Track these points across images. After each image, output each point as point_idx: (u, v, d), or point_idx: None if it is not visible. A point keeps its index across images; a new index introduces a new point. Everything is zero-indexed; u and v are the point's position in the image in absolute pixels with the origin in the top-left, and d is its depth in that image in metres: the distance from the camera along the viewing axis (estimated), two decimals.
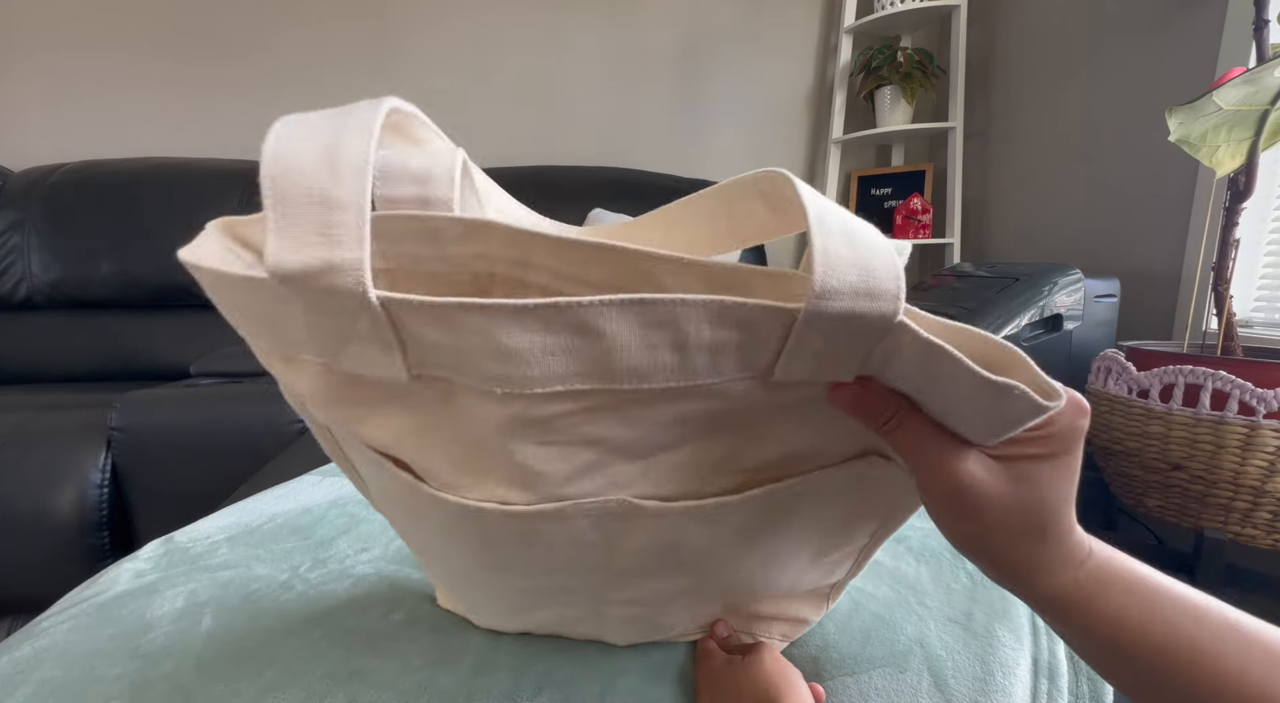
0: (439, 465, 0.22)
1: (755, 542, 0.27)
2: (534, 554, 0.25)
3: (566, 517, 0.23)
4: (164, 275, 1.53)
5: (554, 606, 0.31)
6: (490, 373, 0.18)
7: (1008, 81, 1.72)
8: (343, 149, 0.16)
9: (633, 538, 0.25)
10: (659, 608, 0.31)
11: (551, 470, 0.22)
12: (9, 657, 0.33)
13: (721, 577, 0.29)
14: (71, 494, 0.97)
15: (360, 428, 0.22)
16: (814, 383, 0.21)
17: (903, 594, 0.38)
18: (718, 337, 0.18)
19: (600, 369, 0.19)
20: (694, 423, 0.22)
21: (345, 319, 0.17)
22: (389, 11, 1.80)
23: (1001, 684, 0.31)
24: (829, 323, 0.18)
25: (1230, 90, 0.81)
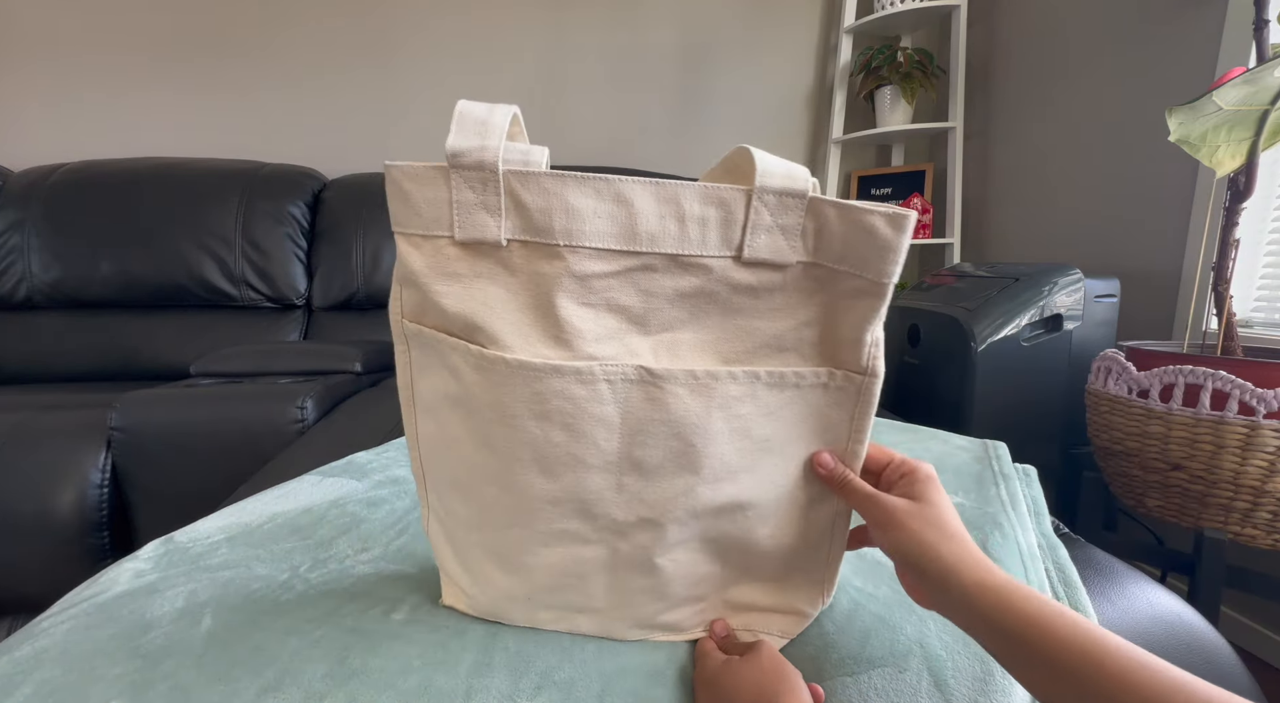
0: (500, 328, 0.29)
1: (743, 442, 0.32)
2: (556, 436, 0.30)
3: (593, 377, 0.30)
4: (164, 275, 1.53)
5: (568, 543, 0.33)
6: (559, 227, 0.28)
7: (1008, 81, 1.72)
8: (495, 110, 0.29)
9: (641, 411, 0.30)
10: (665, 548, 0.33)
11: (585, 328, 0.30)
12: (9, 657, 0.33)
13: (727, 488, 0.33)
14: (71, 494, 0.97)
15: (447, 300, 0.29)
16: (776, 268, 0.30)
17: (902, 594, 0.38)
18: (705, 212, 0.29)
19: (628, 232, 0.29)
20: (690, 303, 0.31)
21: (479, 189, 0.28)
22: (389, 12, 1.80)
23: (1001, 685, 0.31)
24: (771, 197, 0.29)
25: (1230, 90, 0.81)
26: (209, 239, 1.54)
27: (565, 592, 0.34)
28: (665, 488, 0.32)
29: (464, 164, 0.27)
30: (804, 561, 0.36)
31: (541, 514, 0.32)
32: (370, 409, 0.97)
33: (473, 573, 0.35)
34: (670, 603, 0.35)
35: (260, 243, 1.57)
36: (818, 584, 0.36)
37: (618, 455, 0.31)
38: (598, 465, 0.31)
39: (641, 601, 0.35)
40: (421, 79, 1.84)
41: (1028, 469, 0.57)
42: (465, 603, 0.36)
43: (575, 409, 0.30)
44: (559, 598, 0.34)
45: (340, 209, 1.65)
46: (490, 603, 0.35)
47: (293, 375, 1.13)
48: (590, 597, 0.34)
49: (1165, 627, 0.40)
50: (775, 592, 0.36)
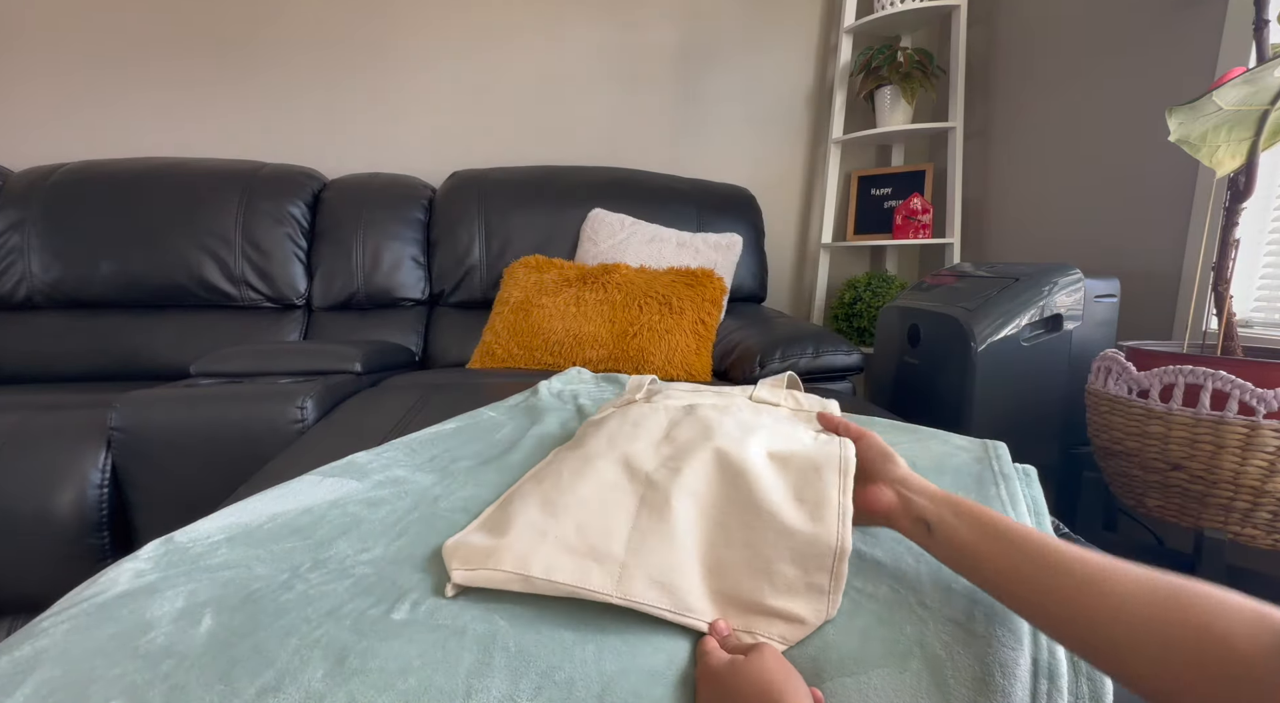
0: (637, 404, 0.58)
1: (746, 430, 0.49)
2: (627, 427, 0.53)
3: (659, 409, 0.56)
4: (164, 275, 1.53)
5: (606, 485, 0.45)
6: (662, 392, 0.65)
7: (1008, 81, 1.72)
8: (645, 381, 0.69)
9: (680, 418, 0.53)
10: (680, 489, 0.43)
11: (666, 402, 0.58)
12: (9, 657, 0.33)
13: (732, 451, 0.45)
14: (71, 494, 0.97)
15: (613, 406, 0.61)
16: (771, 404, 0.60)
17: (903, 595, 0.38)
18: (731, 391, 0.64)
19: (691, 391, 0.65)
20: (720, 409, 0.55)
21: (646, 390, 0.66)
22: (390, 12, 1.80)
23: (1001, 685, 0.31)
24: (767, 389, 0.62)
25: (1230, 90, 0.81)
26: (209, 239, 1.54)
27: (592, 531, 0.40)
28: (686, 446, 0.47)
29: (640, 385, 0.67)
30: (809, 559, 0.37)
31: (596, 465, 0.46)
32: (370, 409, 0.97)
33: (507, 525, 0.42)
34: (680, 558, 0.38)
35: (260, 243, 1.57)
36: (822, 591, 0.37)
37: (661, 436, 0.50)
38: (646, 440, 0.50)
39: (655, 546, 0.39)
40: (422, 79, 1.84)
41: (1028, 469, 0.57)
42: (484, 561, 0.38)
43: (643, 417, 0.54)
44: (585, 539, 0.39)
45: (340, 209, 1.65)
46: (514, 547, 0.38)
47: (293, 375, 1.13)
48: (612, 538, 0.39)
49: None
50: (780, 593, 0.37)
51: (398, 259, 1.64)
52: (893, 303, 1.36)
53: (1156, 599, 0.27)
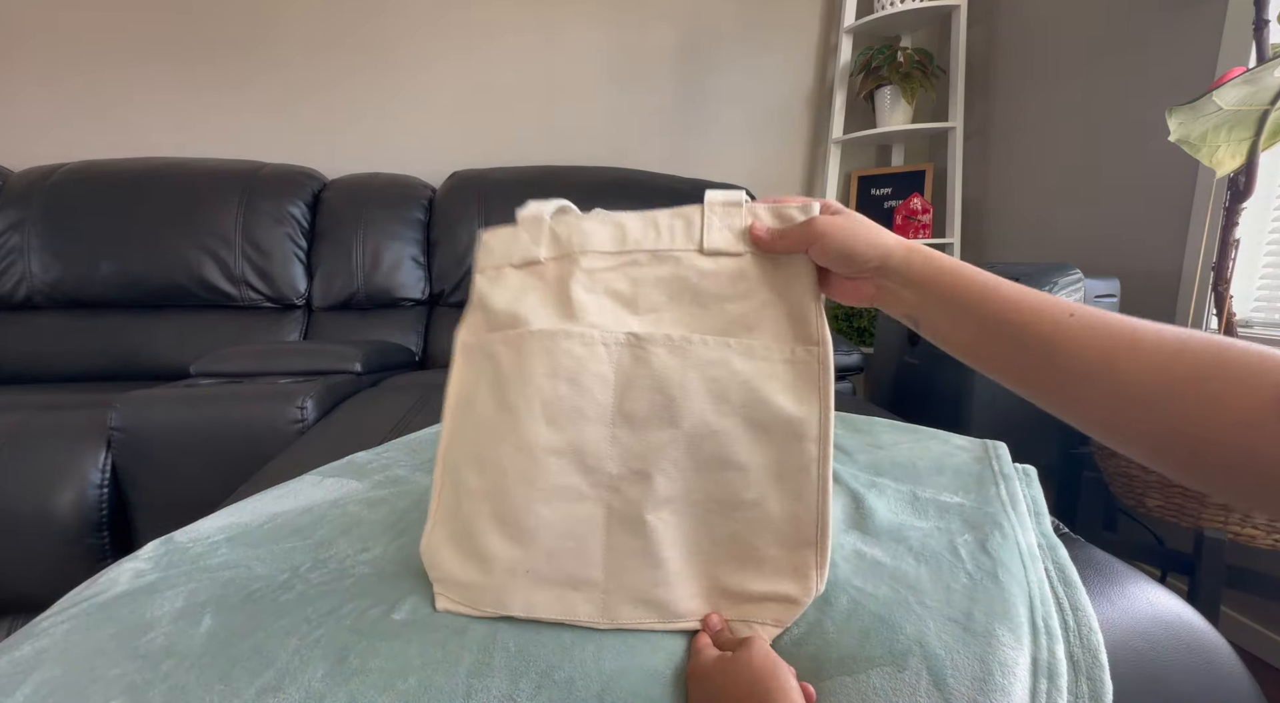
0: (530, 314, 0.40)
1: (721, 403, 0.38)
2: (563, 389, 0.38)
3: (593, 340, 0.39)
4: (164, 275, 1.53)
5: (567, 499, 0.37)
6: (576, 242, 0.42)
7: (1008, 81, 1.72)
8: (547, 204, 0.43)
9: (630, 369, 0.38)
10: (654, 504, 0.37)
11: (589, 306, 0.40)
12: (9, 657, 0.33)
13: (707, 444, 0.38)
14: (71, 494, 0.97)
15: (499, 303, 0.41)
16: (732, 257, 0.41)
17: (902, 594, 0.38)
18: (673, 222, 0.42)
19: (619, 240, 0.42)
20: (668, 287, 0.40)
21: (535, 231, 0.42)
22: (389, 12, 1.80)
23: (1001, 684, 0.31)
24: (719, 207, 0.41)
25: (1230, 90, 0.81)
26: (209, 239, 1.54)
27: (565, 558, 0.36)
28: (651, 440, 0.38)
29: (526, 219, 0.43)
30: (792, 538, 0.38)
31: (545, 467, 0.37)
32: (370, 409, 0.97)
33: (476, 558, 0.37)
34: (663, 573, 0.36)
35: (260, 243, 1.57)
36: (809, 568, 0.37)
37: (611, 409, 0.38)
38: (594, 418, 0.38)
39: (636, 567, 0.36)
40: (422, 79, 1.84)
41: (1028, 469, 0.57)
42: (463, 596, 0.36)
43: (578, 366, 0.38)
44: (559, 568, 0.36)
45: (340, 209, 1.65)
46: (491, 587, 0.36)
47: (293, 375, 1.13)
48: (588, 563, 0.37)
49: (1165, 627, 0.40)
50: (768, 577, 0.37)
51: (398, 259, 1.64)
52: None
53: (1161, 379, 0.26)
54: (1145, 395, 0.26)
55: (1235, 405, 0.24)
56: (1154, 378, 0.26)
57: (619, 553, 0.37)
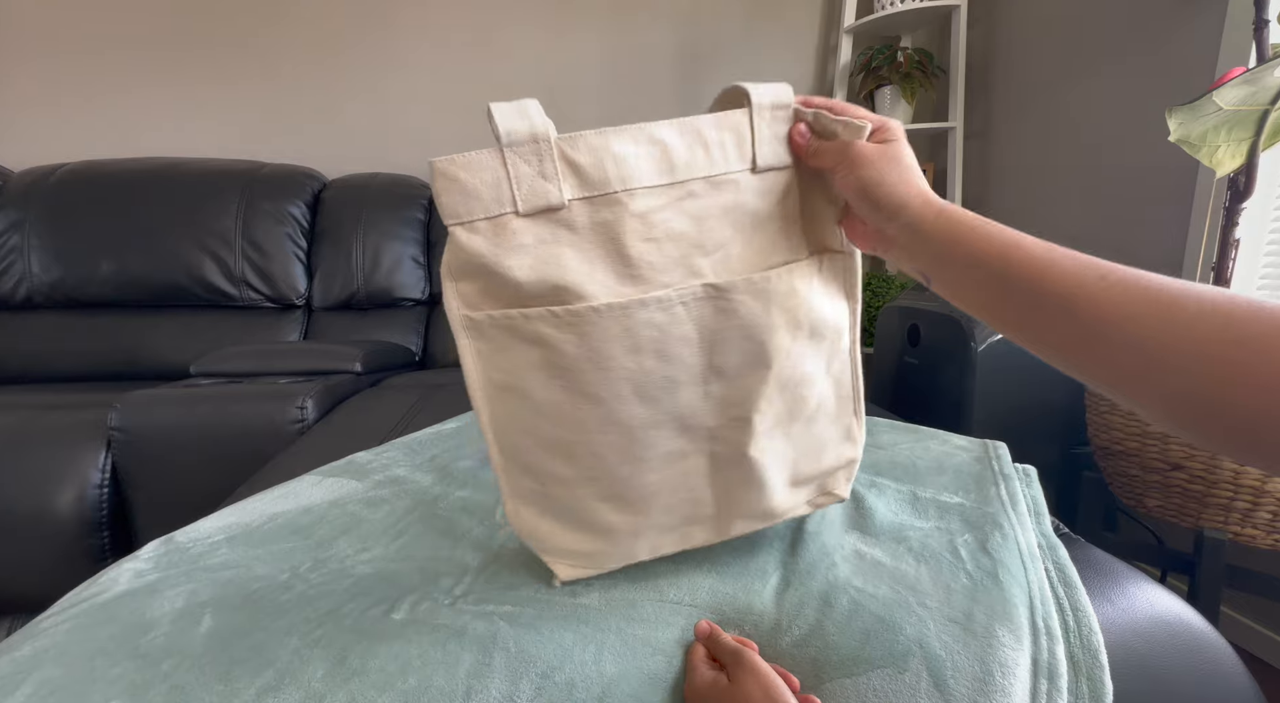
0: (578, 281, 0.32)
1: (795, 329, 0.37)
2: (650, 364, 0.34)
3: (670, 302, 0.33)
4: (164, 275, 1.53)
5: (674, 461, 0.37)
6: (613, 175, 0.32)
7: (1008, 81, 1.72)
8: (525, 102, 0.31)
9: (714, 323, 0.35)
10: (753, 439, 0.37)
11: (654, 260, 0.33)
12: (9, 657, 0.33)
13: (789, 370, 0.37)
14: (71, 494, 0.97)
15: (520, 272, 0.32)
16: (781, 171, 0.36)
17: (902, 595, 0.38)
18: (722, 136, 0.34)
19: (667, 166, 0.33)
20: (731, 218, 0.35)
21: (534, 161, 0.31)
22: (389, 12, 1.80)
23: (1001, 685, 0.31)
24: (766, 112, 0.35)
25: (1230, 90, 0.81)
26: (209, 239, 1.54)
27: (680, 508, 0.38)
28: (745, 385, 0.36)
29: (517, 140, 0.31)
30: (839, 412, 0.42)
31: (647, 441, 0.35)
32: (370, 409, 0.97)
33: (591, 530, 0.37)
34: (767, 490, 0.39)
35: (260, 243, 1.57)
36: (855, 430, 0.43)
37: (702, 368, 0.35)
38: (686, 381, 0.35)
39: (743, 493, 0.39)
40: (422, 79, 1.84)
41: (1028, 469, 0.57)
42: (587, 564, 0.38)
43: (662, 335, 0.34)
44: (676, 516, 0.38)
45: (340, 209, 1.65)
46: (615, 550, 0.38)
47: (293, 375, 1.13)
48: (701, 504, 0.39)
49: (1165, 627, 0.40)
50: (831, 451, 0.42)
51: (398, 259, 1.64)
52: (893, 303, 1.36)
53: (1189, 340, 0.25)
54: (1171, 357, 0.25)
55: (1267, 365, 0.23)
56: (1181, 339, 0.25)
57: (727, 487, 0.39)
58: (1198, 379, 0.24)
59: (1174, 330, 0.25)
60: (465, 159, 0.31)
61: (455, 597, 0.38)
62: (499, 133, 0.30)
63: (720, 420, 0.37)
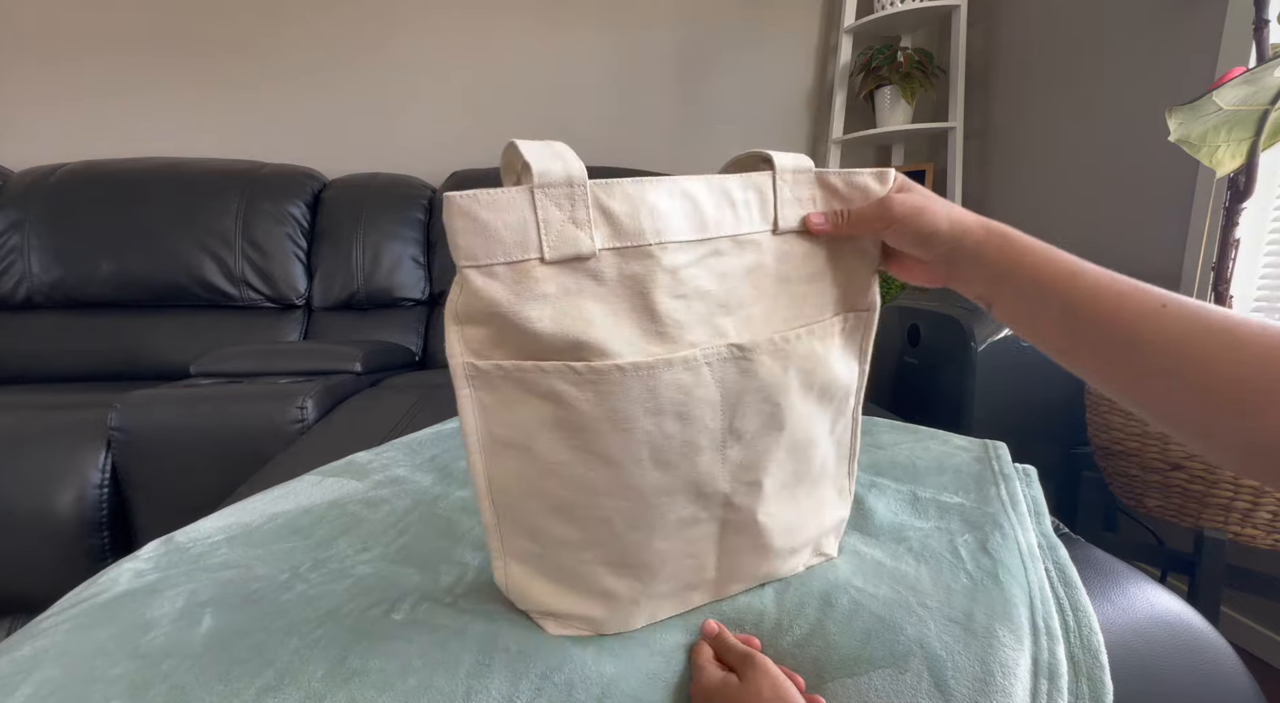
0: (603, 337, 0.30)
1: (807, 391, 0.37)
2: (671, 427, 0.32)
3: (697, 362, 0.32)
4: (164, 275, 1.53)
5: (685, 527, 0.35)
6: (648, 227, 0.31)
7: (1008, 81, 1.72)
8: (552, 143, 0.30)
9: (736, 384, 0.34)
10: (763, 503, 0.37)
11: (682, 318, 0.32)
12: (9, 657, 0.33)
13: (799, 433, 0.37)
14: (71, 494, 0.97)
15: (541, 324, 0.30)
16: (800, 234, 0.36)
17: (903, 595, 0.38)
18: (747, 195, 0.35)
19: (699, 222, 0.33)
20: (753, 279, 0.35)
21: (565, 205, 0.29)
22: (388, 13, 1.80)
23: (1001, 685, 0.31)
24: (789, 175, 0.36)
25: (1230, 90, 0.81)
26: (209, 239, 1.54)
27: (683, 576, 0.37)
28: (759, 448, 0.36)
29: (551, 182, 0.29)
30: (836, 474, 0.43)
31: (659, 508, 0.34)
32: (370, 409, 0.97)
33: (589, 595, 0.35)
34: (770, 555, 0.39)
35: (260, 243, 1.57)
36: (846, 488, 0.44)
37: (722, 431, 0.34)
38: (707, 446, 0.34)
39: (748, 559, 0.38)
40: (422, 79, 1.84)
41: (1028, 469, 0.57)
42: (586, 627, 0.36)
43: (686, 397, 0.32)
44: (678, 583, 0.37)
45: (340, 209, 1.65)
46: (611, 618, 0.35)
47: (293, 375, 1.13)
48: (704, 570, 0.38)
49: (1165, 627, 0.40)
50: (829, 510, 0.42)
51: (398, 259, 1.64)
52: (893, 303, 1.36)
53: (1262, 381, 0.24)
54: (1242, 399, 0.24)
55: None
56: (1251, 381, 0.24)
57: (733, 553, 0.38)
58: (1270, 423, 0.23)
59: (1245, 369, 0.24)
60: (490, 197, 0.28)
61: (455, 596, 0.38)
62: (533, 171, 0.28)
63: (734, 487, 0.36)
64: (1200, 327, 0.26)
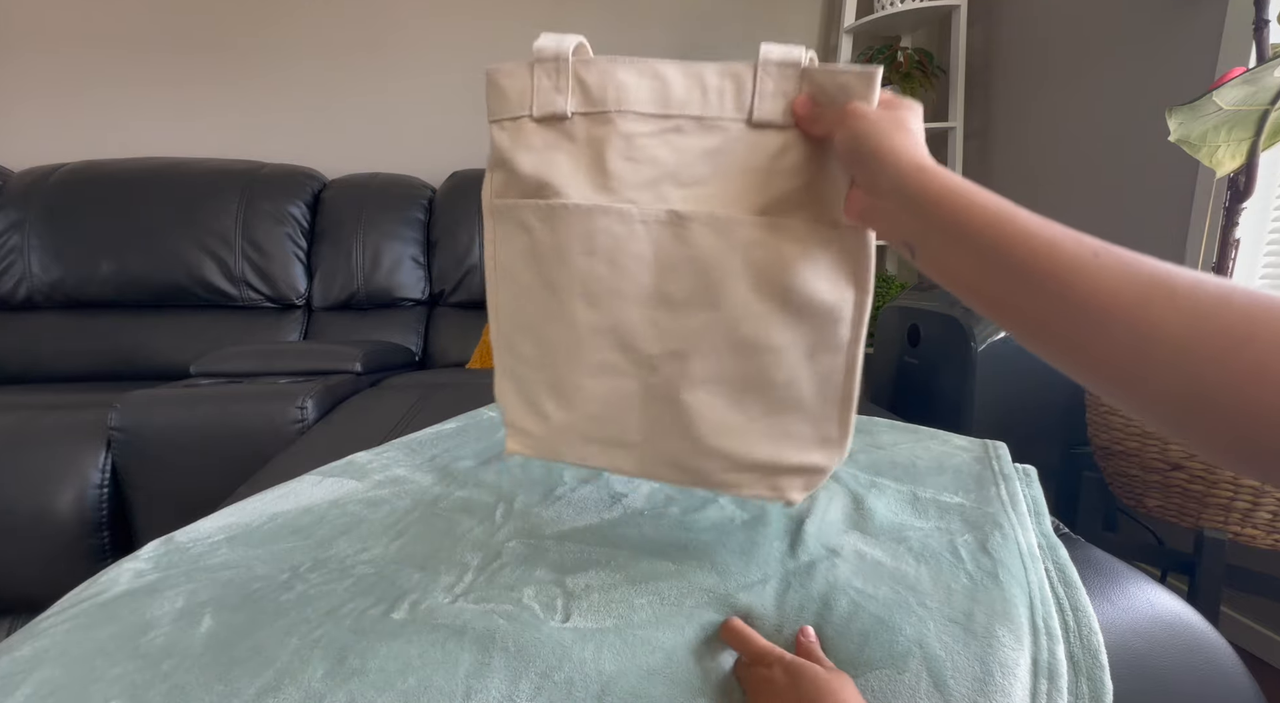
0: (562, 182, 0.37)
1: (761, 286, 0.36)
2: (600, 269, 0.37)
3: (630, 217, 0.36)
4: (164, 275, 1.53)
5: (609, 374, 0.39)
6: (610, 97, 0.36)
7: (1008, 81, 1.72)
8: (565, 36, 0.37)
9: (670, 248, 0.37)
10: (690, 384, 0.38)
11: (628, 178, 0.36)
12: (9, 657, 0.33)
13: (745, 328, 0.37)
14: (71, 494, 0.97)
15: (524, 166, 0.37)
16: (782, 129, 0.36)
17: (902, 595, 0.38)
18: (722, 83, 0.36)
19: (662, 98, 0.36)
20: (714, 160, 0.36)
21: (553, 76, 0.37)
22: (389, 12, 1.80)
23: (1001, 685, 0.31)
24: (773, 67, 0.35)
25: (1230, 90, 0.81)
26: (209, 239, 1.54)
27: (607, 423, 0.40)
28: (690, 322, 0.37)
29: (545, 57, 0.37)
30: (819, 414, 0.39)
31: (587, 344, 0.38)
32: (370, 409, 0.97)
33: (537, 413, 0.41)
34: (697, 445, 0.39)
35: (260, 243, 1.57)
36: (833, 440, 0.39)
37: (651, 289, 0.37)
38: (634, 297, 0.37)
39: (670, 438, 0.39)
40: (422, 79, 1.84)
41: (1028, 469, 0.57)
42: (527, 444, 0.42)
43: (616, 245, 0.37)
44: (603, 430, 0.40)
45: (340, 209, 1.65)
46: (549, 439, 0.41)
47: (293, 375, 1.13)
48: (627, 429, 0.40)
49: (1165, 627, 0.40)
50: (797, 449, 0.39)
51: (398, 259, 1.64)
52: (893, 303, 1.36)
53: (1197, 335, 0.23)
54: (1174, 353, 0.23)
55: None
56: (1183, 335, 0.23)
57: (655, 424, 0.39)
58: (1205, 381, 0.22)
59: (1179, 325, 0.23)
60: (508, 67, 0.37)
61: (455, 596, 0.38)
62: (535, 48, 0.37)
63: (660, 349, 0.38)
64: (1135, 277, 0.25)
